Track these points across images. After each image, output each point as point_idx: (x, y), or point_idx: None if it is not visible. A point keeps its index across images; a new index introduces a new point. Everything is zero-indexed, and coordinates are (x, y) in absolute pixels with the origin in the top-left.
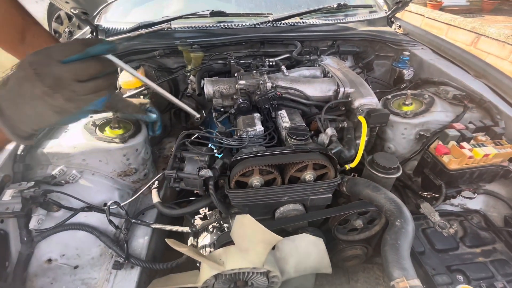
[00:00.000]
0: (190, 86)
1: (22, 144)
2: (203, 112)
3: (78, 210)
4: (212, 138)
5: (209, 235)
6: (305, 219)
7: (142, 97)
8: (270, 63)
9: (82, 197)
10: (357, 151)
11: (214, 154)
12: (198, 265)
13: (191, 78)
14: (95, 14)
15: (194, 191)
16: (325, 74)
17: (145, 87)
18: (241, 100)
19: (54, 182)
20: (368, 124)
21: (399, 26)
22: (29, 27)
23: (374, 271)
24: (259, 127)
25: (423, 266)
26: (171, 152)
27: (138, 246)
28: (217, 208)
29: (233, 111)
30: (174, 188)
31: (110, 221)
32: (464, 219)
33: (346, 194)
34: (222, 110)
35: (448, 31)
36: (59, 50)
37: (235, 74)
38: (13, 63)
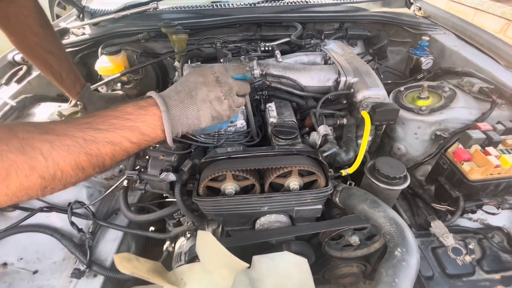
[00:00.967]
0: (177, 73)
1: (170, 144)
2: None
3: (35, 210)
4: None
5: (185, 242)
6: (288, 234)
7: (120, 85)
8: (266, 48)
9: None
10: (356, 154)
11: (186, 153)
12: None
13: (175, 64)
14: None
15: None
16: (326, 61)
17: (127, 74)
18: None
19: None
20: (372, 121)
21: (419, 8)
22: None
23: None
24: (240, 122)
25: None
26: None
27: (105, 251)
28: None
29: None
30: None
31: (72, 223)
32: (483, 238)
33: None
34: None
35: (475, 16)
36: (233, 68)
37: (221, 60)
38: None
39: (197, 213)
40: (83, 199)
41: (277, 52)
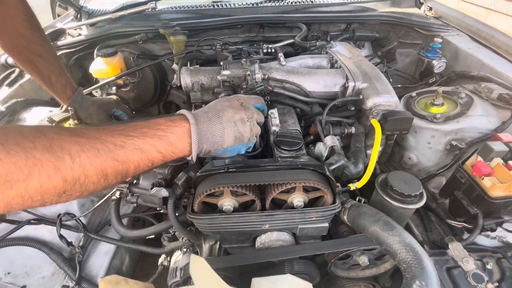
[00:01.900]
0: (175, 76)
1: (193, 159)
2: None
3: (23, 222)
4: None
5: (181, 256)
6: (291, 254)
7: (115, 88)
8: (268, 50)
9: None
10: (366, 166)
11: (181, 165)
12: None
13: (174, 66)
14: None
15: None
16: (332, 64)
17: (122, 76)
18: (223, 95)
19: None
20: (383, 130)
21: (430, 8)
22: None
23: None
24: None
25: None
26: None
27: (97, 265)
28: None
29: None
30: (131, 204)
31: (61, 236)
32: (502, 257)
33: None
34: (202, 106)
35: (487, 17)
36: (254, 98)
37: (221, 63)
38: None
39: (193, 227)
40: (74, 210)
41: (280, 54)
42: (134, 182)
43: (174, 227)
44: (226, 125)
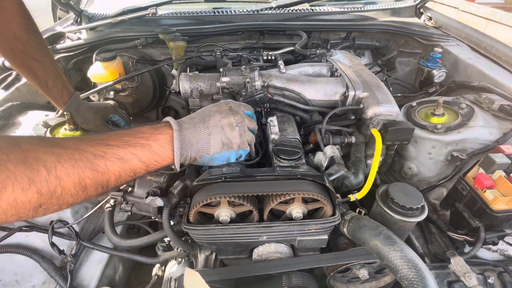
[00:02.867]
0: (174, 82)
1: (176, 167)
2: None
3: (14, 230)
4: None
5: (176, 266)
6: (289, 267)
7: (113, 93)
8: (268, 57)
9: None
10: (366, 177)
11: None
12: None
13: (173, 71)
14: None
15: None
16: (332, 73)
17: (121, 81)
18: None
19: None
20: (383, 140)
21: (430, 18)
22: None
23: None
24: None
25: None
26: None
27: (89, 274)
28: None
29: None
30: (126, 212)
31: (53, 244)
32: (503, 271)
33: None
34: None
35: (486, 27)
36: (244, 105)
37: (221, 70)
38: None
39: (189, 237)
40: (67, 217)
41: (280, 62)
42: (129, 190)
43: (169, 238)
44: (213, 130)
